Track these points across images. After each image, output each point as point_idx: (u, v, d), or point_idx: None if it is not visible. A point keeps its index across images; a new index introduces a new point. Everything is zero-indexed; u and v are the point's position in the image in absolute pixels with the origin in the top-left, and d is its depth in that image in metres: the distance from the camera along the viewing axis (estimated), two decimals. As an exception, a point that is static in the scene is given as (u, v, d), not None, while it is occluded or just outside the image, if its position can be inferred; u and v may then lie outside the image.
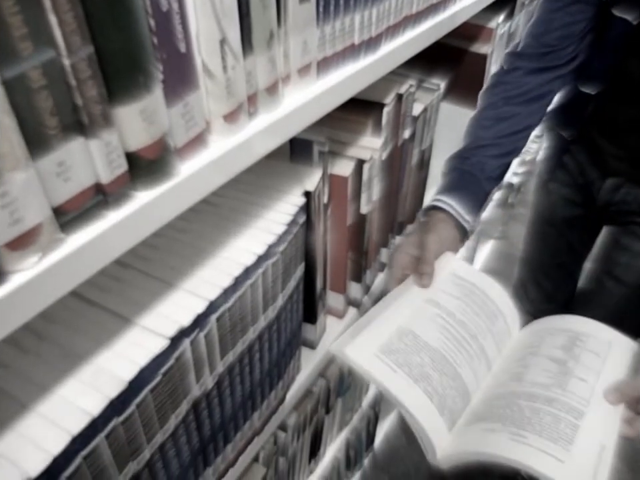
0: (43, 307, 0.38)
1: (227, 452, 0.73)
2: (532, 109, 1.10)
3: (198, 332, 0.55)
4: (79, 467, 0.46)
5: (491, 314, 0.97)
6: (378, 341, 0.83)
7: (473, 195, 1.05)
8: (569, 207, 1.39)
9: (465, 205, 1.02)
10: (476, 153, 1.08)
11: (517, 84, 1.09)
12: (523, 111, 1.09)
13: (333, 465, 1.52)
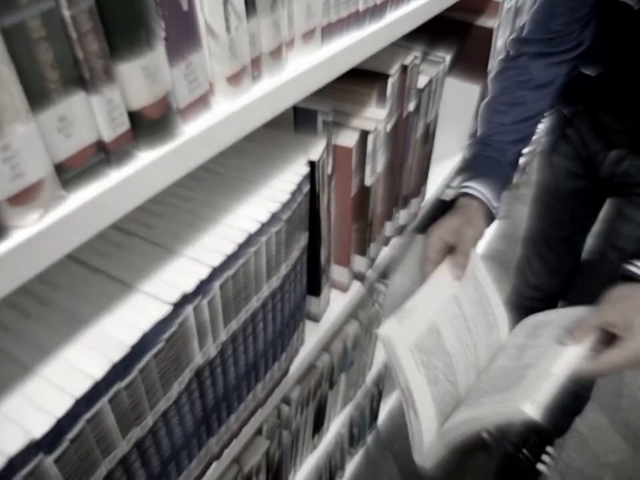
0: (45, 265, 0.37)
1: (230, 422, 0.73)
2: (541, 94, 1.11)
3: (201, 299, 0.55)
4: (83, 430, 0.46)
5: (490, 325, 1.04)
6: (415, 333, 0.90)
7: (499, 181, 1.08)
8: (572, 179, 1.39)
9: (492, 191, 1.06)
10: (496, 139, 1.10)
11: (525, 69, 1.10)
12: (533, 97, 1.10)
13: (337, 441, 1.52)
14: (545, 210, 1.53)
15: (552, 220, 1.52)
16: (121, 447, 0.53)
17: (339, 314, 0.94)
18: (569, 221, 1.48)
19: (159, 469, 0.61)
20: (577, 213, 1.46)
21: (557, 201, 1.47)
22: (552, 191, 1.47)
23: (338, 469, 1.71)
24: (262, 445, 0.94)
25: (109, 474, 0.53)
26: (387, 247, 1.08)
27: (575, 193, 1.40)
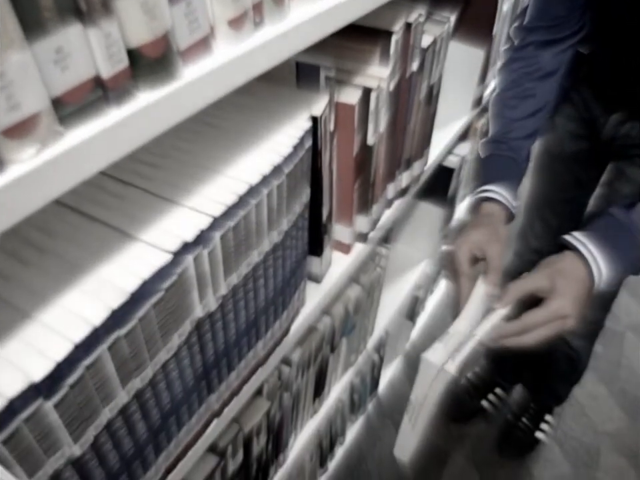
0: (43, 202, 0.37)
1: (230, 380, 0.73)
2: (549, 84, 1.11)
3: (201, 249, 0.54)
4: (82, 377, 0.46)
5: None
6: None
7: (516, 180, 1.09)
8: (575, 141, 1.38)
9: (511, 190, 1.06)
10: (510, 137, 1.10)
11: (532, 60, 1.10)
12: (543, 86, 1.11)
13: (337, 407, 1.53)
14: (549, 173, 1.52)
15: (555, 183, 1.51)
16: (121, 397, 0.53)
17: (340, 275, 0.93)
18: (573, 184, 1.47)
19: (159, 423, 0.61)
20: (580, 175, 1.44)
21: (561, 163, 1.46)
22: (555, 153, 1.45)
23: (338, 435, 1.72)
24: (262, 405, 0.94)
25: (109, 423, 0.53)
26: (389, 209, 1.07)
27: (579, 155, 1.39)
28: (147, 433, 0.60)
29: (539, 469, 1.91)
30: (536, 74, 1.11)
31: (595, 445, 1.98)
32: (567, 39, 1.08)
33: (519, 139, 1.11)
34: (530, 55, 1.11)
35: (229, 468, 0.91)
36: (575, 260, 0.92)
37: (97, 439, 0.52)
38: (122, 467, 0.58)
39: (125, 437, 0.56)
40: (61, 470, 0.50)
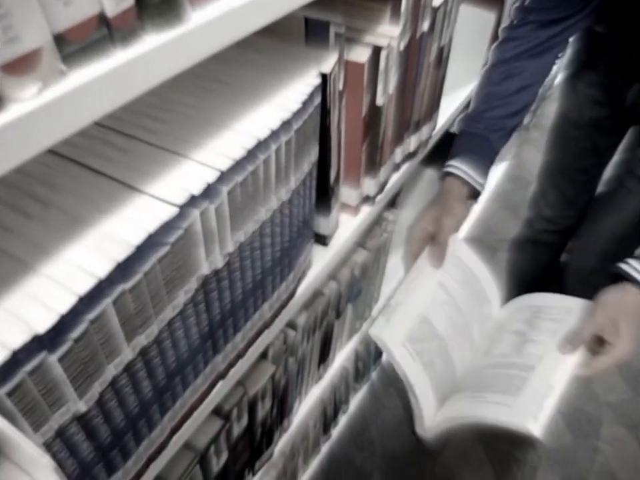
0: (44, 145, 0.35)
1: (236, 341, 0.72)
2: (543, 60, 1.10)
3: (208, 203, 0.53)
4: (86, 331, 0.45)
5: (481, 300, 1.10)
6: (405, 328, 0.97)
7: (484, 158, 1.10)
8: (595, 107, 1.36)
9: (477, 168, 1.08)
10: (487, 115, 1.10)
11: (529, 38, 1.08)
12: (534, 64, 1.09)
13: (342, 374, 1.53)
14: (566, 140, 1.50)
15: (572, 150, 1.49)
16: (126, 354, 0.52)
17: (347, 238, 0.92)
18: (590, 151, 1.45)
19: (165, 382, 0.60)
20: (598, 143, 1.43)
21: (579, 130, 1.43)
22: (574, 119, 1.43)
23: (342, 403, 1.72)
24: (268, 369, 0.93)
25: (114, 380, 0.52)
26: (397, 173, 1.06)
27: (598, 121, 1.37)
28: (152, 391, 0.59)
29: (541, 438, 1.92)
30: (528, 52, 1.09)
31: (596, 415, 1.99)
32: (568, 19, 1.05)
33: (497, 118, 1.10)
34: (526, 35, 1.09)
35: (234, 431, 0.91)
36: (634, 293, 0.95)
37: (102, 395, 0.51)
38: (127, 426, 0.58)
39: (130, 394, 0.56)
40: (67, 426, 0.49)
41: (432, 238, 1.04)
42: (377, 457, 1.86)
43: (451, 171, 1.08)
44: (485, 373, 1.01)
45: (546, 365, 0.95)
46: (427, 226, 1.03)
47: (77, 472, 0.54)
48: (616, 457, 1.88)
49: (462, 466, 1.85)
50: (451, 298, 1.05)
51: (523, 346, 1.01)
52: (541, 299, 1.11)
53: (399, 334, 0.97)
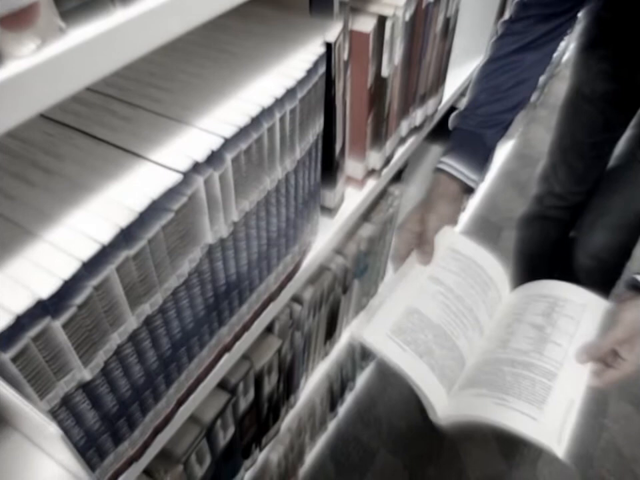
0: (43, 105, 0.35)
1: (242, 312, 0.72)
2: (541, 54, 1.09)
3: (212, 170, 0.52)
4: (90, 297, 0.45)
5: (484, 284, 1.08)
6: (389, 322, 0.95)
7: (477, 154, 1.08)
8: (608, 81, 1.34)
9: (469, 164, 1.06)
10: (481, 112, 1.09)
11: (527, 33, 1.07)
12: (531, 58, 1.08)
13: (348, 351, 1.53)
14: (578, 114, 1.48)
15: (584, 125, 1.47)
16: (130, 322, 0.52)
17: (353, 211, 0.91)
18: (601, 126, 1.44)
19: (170, 352, 0.60)
20: (610, 118, 1.41)
21: (591, 104, 1.42)
22: (587, 93, 1.41)
23: (349, 380, 1.73)
24: (274, 343, 0.93)
25: (119, 349, 0.52)
26: (402, 147, 1.05)
27: (610, 95, 1.36)
28: (158, 362, 0.59)
29: (548, 416, 1.92)
30: (526, 47, 1.08)
31: (602, 393, 1.99)
32: (566, 13, 1.04)
33: (493, 113, 1.09)
34: (524, 30, 1.08)
35: (240, 405, 0.91)
36: None
37: (107, 364, 0.51)
38: (133, 396, 0.58)
39: (135, 364, 0.56)
40: (72, 394, 0.49)
41: (419, 237, 1.04)
42: (383, 434, 1.87)
43: (439, 167, 1.08)
44: (505, 371, 0.99)
45: (566, 374, 0.95)
46: (413, 226, 1.04)
47: (84, 441, 0.54)
48: (622, 433, 1.89)
49: (468, 443, 1.85)
50: (446, 288, 1.05)
51: (544, 346, 1.00)
52: (554, 288, 1.09)
53: (382, 329, 0.96)
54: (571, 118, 1.51)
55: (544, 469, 1.80)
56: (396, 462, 1.81)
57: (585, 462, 1.82)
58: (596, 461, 1.82)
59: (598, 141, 1.47)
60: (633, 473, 1.79)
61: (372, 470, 1.79)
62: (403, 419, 1.89)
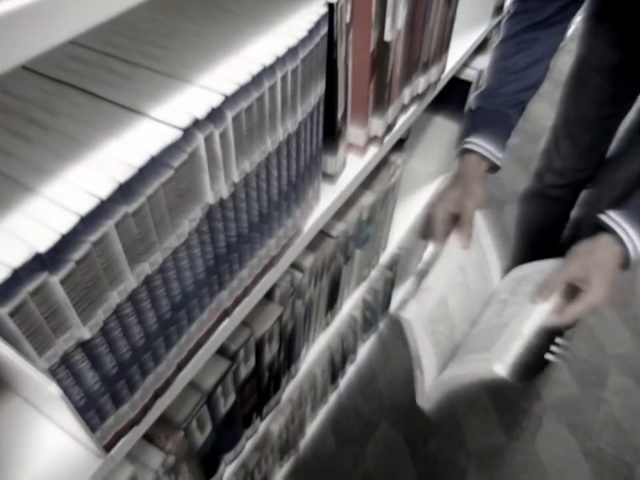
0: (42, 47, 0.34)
1: (242, 276, 0.71)
2: (552, 32, 1.10)
3: (213, 128, 0.52)
4: (89, 253, 0.44)
5: (485, 278, 1.16)
6: (428, 309, 1.04)
7: (502, 132, 1.13)
8: (617, 51, 1.32)
9: (496, 143, 1.11)
10: (502, 92, 1.13)
11: (539, 10, 1.09)
12: (544, 36, 1.10)
13: (349, 323, 1.53)
14: (585, 86, 1.45)
15: (591, 97, 1.44)
16: (130, 281, 0.51)
17: (354, 177, 0.90)
18: (609, 98, 1.41)
19: (170, 314, 0.60)
20: (618, 90, 1.39)
21: (599, 75, 1.39)
22: (595, 64, 1.39)
23: (350, 353, 1.73)
24: (275, 310, 0.93)
25: (118, 308, 0.52)
26: (405, 115, 1.04)
27: (620, 66, 1.33)
28: (157, 323, 0.59)
29: (547, 389, 1.93)
30: (539, 25, 1.09)
31: (603, 366, 1.99)
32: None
33: (511, 93, 1.12)
34: (536, 7, 1.09)
35: (241, 373, 0.91)
36: (610, 245, 0.97)
37: (106, 323, 0.51)
38: (133, 357, 0.57)
39: (134, 325, 0.55)
40: (71, 352, 0.49)
41: (454, 218, 1.09)
42: (384, 407, 1.87)
43: (469, 147, 1.12)
44: (470, 340, 1.07)
45: (519, 318, 0.99)
46: (450, 207, 1.08)
47: (84, 402, 0.54)
48: (621, 407, 1.89)
49: (469, 416, 1.86)
50: (465, 280, 1.11)
51: (503, 310, 1.06)
52: (527, 267, 1.15)
53: (423, 315, 1.04)
54: (577, 90, 1.48)
55: (543, 441, 1.81)
56: (397, 435, 1.82)
57: (584, 434, 1.83)
58: (595, 433, 1.83)
59: (605, 115, 1.45)
60: (633, 445, 1.80)
61: (373, 442, 1.80)
62: (404, 392, 1.90)
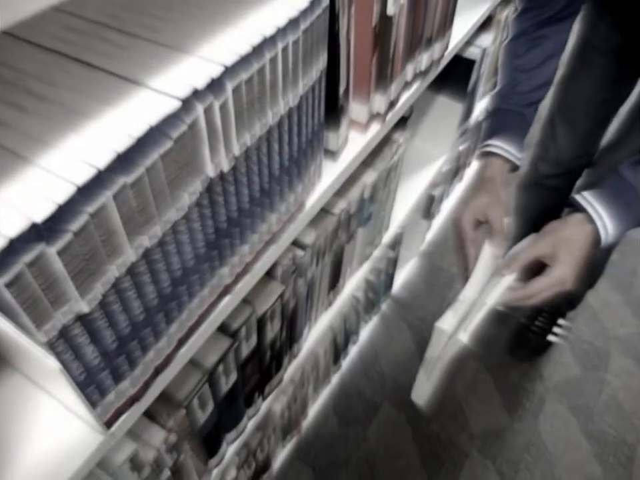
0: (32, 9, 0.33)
1: (243, 252, 0.71)
2: (560, 28, 1.11)
3: (212, 99, 0.51)
4: (87, 225, 0.44)
5: None
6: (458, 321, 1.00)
7: (520, 133, 1.13)
8: (621, 32, 1.28)
9: (516, 144, 1.11)
10: (517, 91, 1.13)
11: (547, 6, 1.08)
12: (552, 32, 1.10)
13: (352, 304, 1.53)
14: (587, 68, 1.41)
15: (593, 79, 1.40)
16: (129, 255, 0.51)
17: (357, 154, 0.90)
18: (611, 82, 1.38)
19: (170, 289, 0.59)
20: (621, 72, 1.36)
21: (602, 57, 1.36)
22: (598, 46, 1.35)
23: (353, 333, 1.73)
24: (276, 289, 0.92)
25: (117, 282, 0.51)
26: (407, 92, 1.03)
27: (624, 49, 1.30)
28: (157, 298, 0.58)
29: (549, 370, 1.93)
30: (547, 20, 1.09)
31: (605, 348, 1.99)
32: None
33: (526, 92, 1.12)
34: (544, 3, 1.08)
35: (243, 351, 0.91)
36: (580, 224, 0.97)
37: (105, 297, 0.50)
38: (133, 332, 0.57)
39: (134, 299, 0.55)
40: (70, 326, 0.48)
41: (480, 224, 1.07)
42: (387, 388, 1.87)
43: (492, 150, 1.10)
44: None
45: (485, 291, 0.99)
46: (477, 215, 1.05)
47: (83, 377, 0.53)
48: (623, 388, 1.89)
49: (471, 397, 1.86)
50: None
51: None
52: None
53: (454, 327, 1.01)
54: (578, 72, 1.44)
55: (545, 422, 1.81)
56: (399, 416, 1.82)
57: (585, 416, 1.83)
58: (597, 415, 1.83)
59: (605, 99, 1.41)
60: (634, 426, 1.80)
61: (375, 423, 1.80)
62: (406, 373, 1.90)
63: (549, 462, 1.73)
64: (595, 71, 1.40)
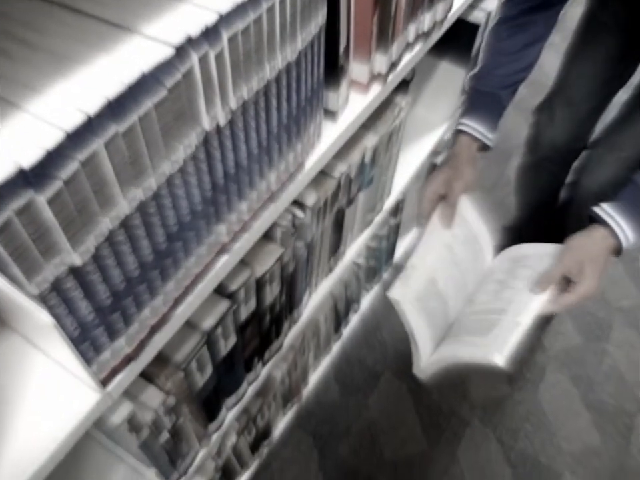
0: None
1: (241, 210, 0.70)
2: (550, 14, 1.12)
3: (207, 48, 0.49)
4: (77, 173, 0.43)
5: (475, 253, 1.22)
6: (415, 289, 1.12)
7: (494, 114, 1.18)
8: (628, 7, 1.25)
9: (487, 124, 1.16)
10: (495, 73, 1.16)
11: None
12: (540, 18, 1.12)
13: (353, 270, 1.52)
14: (593, 45, 1.37)
15: (599, 56, 1.37)
16: (122, 207, 0.50)
17: (357, 115, 0.88)
18: (617, 59, 1.35)
19: (165, 245, 0.59)
20: (628, 50, 1.33)
21: (610, 33, 1.32)
22: (606, 21, 1.32)
23: (354, 301, 1.72)
24: (275, 251, 0.91)
25: (111, 235, 0.50)
26: (409, 53, 1.01)
27: (633, 25, 1.27)
28: (153, 254, 0.57)
29: (550, 340, 1.93)
30: (536, 7, 1.10)
31: (607, 319, 1.99)
32: None
33: (506, 75, 1.15)
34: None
35: (241, 314, 0.90)
36: (604, 239, 1.03)
37: (98, 250, 0.49)
38: (127, 289, 0.56)
39: (128, 254, 0.54)
40: (62, 279, 0.47)
41: (442, 198, 1.16)
42: (388, 357, 1.87)
43: (461, 128, 1.17)
44: (468, 320, 1.13)
45: (516, 306, 1.05)
46: (439, 188, 1.15)
47: (77, 332, 0.53)
48: (625, 359, 1.89)
49: (472, 367, 1.86)
50: (454, 258, 1.18)
51: (501, 292, 1.12)
52: (526, 248, 1.19)
53: (411, 294, 1.10)
54: (583, 49, 1.41)
55: (546, 392, 1.81)
56: (400, 385, 1.82)
57: (585, 386, 1.83)
58: (597, 385, 1.83)
59: (608, 77, 1.39)
60: (635, 397, 1.80)
61: (376, 392, 1.80)
62: (408, 342, 1.89)
63: (549, 431, 1.73)
64: (600, 48, 1.37)
